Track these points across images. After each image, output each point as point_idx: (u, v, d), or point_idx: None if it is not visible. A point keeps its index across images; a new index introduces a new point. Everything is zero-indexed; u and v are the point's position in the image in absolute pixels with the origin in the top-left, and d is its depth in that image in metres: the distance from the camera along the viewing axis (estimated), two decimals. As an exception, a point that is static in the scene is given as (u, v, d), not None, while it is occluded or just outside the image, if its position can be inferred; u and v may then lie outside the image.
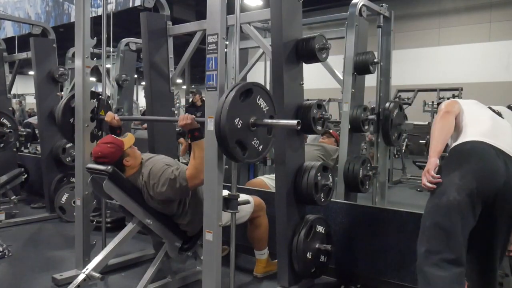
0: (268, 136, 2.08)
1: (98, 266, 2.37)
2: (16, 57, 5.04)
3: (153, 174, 2.39)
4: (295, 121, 1.92)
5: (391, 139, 3.48)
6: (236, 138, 1.90)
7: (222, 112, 1.85)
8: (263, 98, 2.01)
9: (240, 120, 1.90)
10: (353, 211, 2.90)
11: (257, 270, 2.89)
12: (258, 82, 2.09)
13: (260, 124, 1.97)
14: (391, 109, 3.42)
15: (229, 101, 1.85)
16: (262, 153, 2.06)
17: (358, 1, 3.37)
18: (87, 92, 2.79)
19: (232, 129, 1.87)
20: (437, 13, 11.76)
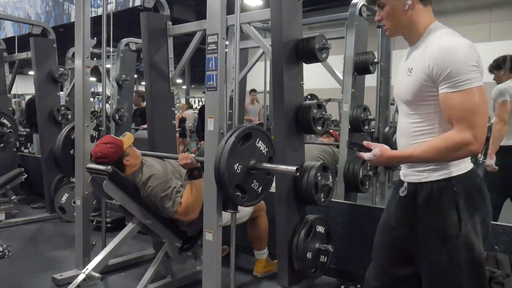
0: (267, 177, 2.11)
1: (98, 266, 2.37)
2: (16, 57, 5.04)
3: (153, 178, 2.39)
4: (294, 167, 1.92)
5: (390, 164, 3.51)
6: (236, 183, 1.93)
7: (222, 158, 1.87)
8: (262, 141, 2.04)
9: (240, 165, 1.93)
10: (353, 211, 2.90)
11: (257, 270, 2.89)
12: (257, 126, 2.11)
13: (259, 168, 2.00)
14: (390, 134, 3.44)
15: (229, 147, 1.88)
16: (261, 195, 2.08)
17: (358, 1, 3.37)
18: (87, 92, 2.79)
19: (231, 175, 1.90)
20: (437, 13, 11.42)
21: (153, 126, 3.49)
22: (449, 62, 1.26)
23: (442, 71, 1.27)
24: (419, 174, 1.41)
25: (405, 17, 1.39)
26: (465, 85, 1.26)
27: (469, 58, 1.27)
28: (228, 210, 2.10)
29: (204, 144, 2.15)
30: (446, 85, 1.28)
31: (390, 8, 1.39)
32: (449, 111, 1.30)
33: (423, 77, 1.32)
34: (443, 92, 1.29)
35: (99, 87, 9.08)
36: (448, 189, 1.36)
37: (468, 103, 1.27)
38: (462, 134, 1.27)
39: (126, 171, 2.46)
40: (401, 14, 1.38)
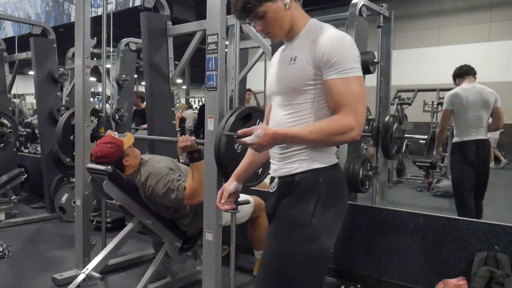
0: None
1: (98, 266, 2.37)
2: (16, 57, 5.04)
3: (151, 176, 2.39)
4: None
5: (390, 153, 3.50)
6: (236, 163, 1.91)
7: (222, 138, 1.86)
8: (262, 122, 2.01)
9: (240, 145, 1.91)
10: (353, 211, 2.90)
11: (257, 270, 2.88)
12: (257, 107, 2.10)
13: None
14: (391, 123, 3.44)
15: (229, 127, 1.87)
16: (262, 177, 2.07)
17: (358, 1, 3.37)
18: (87, 92, 2.79)
19: (232, 155, 1.88)
20: (437, 13, 11.76)
21: (153, 126, 3.49)
22: (339, 49, 1.30)
23: (331, 58, 1.30)
24: (290, 166, 1.40)
25: (288, 17, 1.39)
26: (351, 73, 1.30)
27: (355, 49, 1.34)
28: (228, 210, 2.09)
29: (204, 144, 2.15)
30: (333, 71, 1.30)
31: (273, 13, 1.37)
32: (334, 97, 1.32)
33: (309, 63, 1.33)
34: (330, 78, 1.31)
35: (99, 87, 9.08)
36: (314, 179, 1.37)
37: (354, 90, 1.30)
38: (346, 119, 1.29)
39: (126, 171, 2.46)
40: (284, 15, 1.38)
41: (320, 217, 1.35)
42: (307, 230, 1.34)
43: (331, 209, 1.37)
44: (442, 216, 2.59)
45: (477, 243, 2.41)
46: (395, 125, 3.47)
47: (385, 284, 2.70)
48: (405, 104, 7.75)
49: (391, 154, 3.51)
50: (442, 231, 2.53)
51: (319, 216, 1.35)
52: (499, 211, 5.28)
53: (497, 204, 5.83)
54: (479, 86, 3.53)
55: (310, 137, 1.31)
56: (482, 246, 2.39)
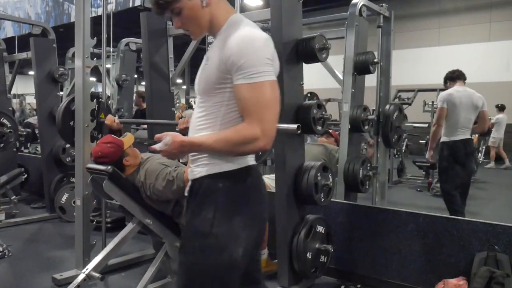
0: None
1: (98, 266, 2.37)
2: (16, 57, 5.04)
3: (149, 174, 2.39)
4: (295, 125, 1.92)
5: (391, 141, 3.48)
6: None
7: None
8: None
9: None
10: (353, 211, 2.90)
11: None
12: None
13: None
14: (391, 111, 3.42)
15: None
16: (262, 157, 2.06)
17: (358, 1, 3.37)
18: (87, 92, 2.79)
19: None
20: (437, 13, 11.76)
21: (153, 126, 3.49)
22: (246, 51, 1.21)
23: (237, 61, 1.21)
24: (195, 170, 1.35)
25: (206, 15, 1.32)
26: (257, 78, 1.21)
27: (264, 51, 1.24)
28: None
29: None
30: (240, 76, 1.22)
31: (189, 11, 1.30)
32: (241, 103, 1.24)
33: (219, 65, 1.26)
34: (237, 83, 1.23)
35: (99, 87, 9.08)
36: (212, 185, 1.30)
37: (261, 96, 1.21)
38: (251, 128, 1.21)
39: (126, 171, 2.45)
40: (201, 13, 1.31)
41: (222, 226, 1.26)
42: (209, 240, 1.26)
43: (235, 217, 1.28)
44: (442, 216, 2.59)
45: (477, 243, 2.41)
46: (396, 113, 3.46)
47: (385, 284, 2.70)
48: (405, 104, 7.74)
49: (391, 142, 3.49)
50: (442, 231, 2.53)
51: (221, 225, 1.26)
52: (499, 211, 5.29)
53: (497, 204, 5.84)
54: (469, 90, 3.78)
55: (216, 146, 1.25)
56: (482, 246, 2.39)
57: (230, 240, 1.27)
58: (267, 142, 1.23)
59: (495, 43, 11.00)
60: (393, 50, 3.80)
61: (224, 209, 1.28)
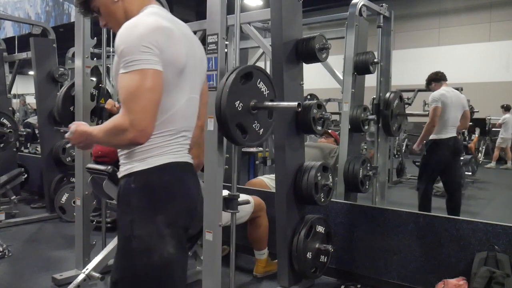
0: (268, 120, 2.06)
1: (98, 266, 2.38)
2: (16, 57, 5.04)
3: None
4: (295, 103, 1.91)
5: (391, 129, 3.46)
6: (237, 121, 1.89)
7: (223, 95, 1.84)
8: (263, 82, 1.99)
9: (241, 103, 1.88)
10: (353, 211, 2.90)
11: (257, 270, 2.89)
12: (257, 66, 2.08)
13: (260, 107, 1.95)
14: (392, 99, 3.41)
15: (230, 84, 1.84)
16: (263, 137, 2.05)
17: (358, 1, 3.37)
18: (87, 92, 2.79)
19: (232, 112, 1.85)
20: (437, 13, 11.76)
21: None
22: (125, 39, 1.17)
23: (117, 48, 1.17)
24: (120, 169, 1.31)
25: (120, 9, 1.31)
26: (132, 67, 1.14)
27: (143, 39, 1.15)
28: (228, 210, 2.09)
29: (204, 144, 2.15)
30: (122, 65, 1.17)
31: (104, 7, 1.31)
32: (119, 93, 1.19)
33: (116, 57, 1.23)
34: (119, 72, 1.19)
35: (99, 87, 9.05)
36: (127, 186, 1.25)
37: (130, 86, 1.14)
38: (121, 119, 1.14)
39: (126, 171, 2.45)
40: (114, 8, 1.31)
41: (143, 227, 1.22)
42: (134, 243, 1.22)
43: (155, 217, 1.23)
44: (442, 216, 2.60)
45: (477, 243, 2.41)
46: (396, 101, 3.45)
47: (385, 284, 2.70)
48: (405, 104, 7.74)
49: (392, 130, 3.48)
50: (442, 231, 2.53)
51: (141, 227, 1.22)
52: (499, 211, 5.28)
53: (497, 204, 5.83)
54: (456, 90, 4.06)
55: (97, 136, 1.21)
56: (482, 246, 2.39)
57: (155, 240, 1.22)
58: (137, 134, 1.14)
59: (495, 43, 11.01)
60: (393, 50, 3.80)
61: (141, 209, 1.23)
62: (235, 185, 2.16)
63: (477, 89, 10.15)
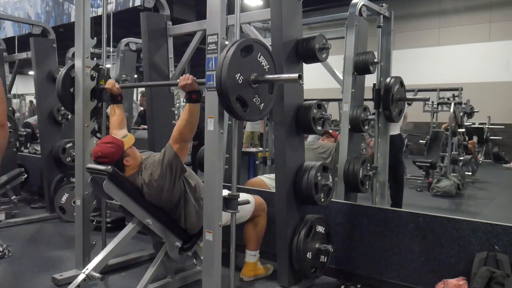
0: (269, 95, 2.06)
1: (98, 266, 2.37)
2: (16, 57, 5.04)
3: (147, 167, 2.42)
4: (295, 74, 1.91)
5: (392, 114, 3.45)
6: (237, 94, 1.88)
7: (223, 67, 1.83)
8: (264, 56, 1.99)
9: (241, 75, 1.88)
10: (353, 211, 2.90)
11: (245, 273, 2.81)
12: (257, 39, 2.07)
13: (261, 80, 1.95)
14: (392, 84, 3.39)
15: (230, 56, 1.84)
16: (263, 112, 2.04)
17: (358, 1, 3.37)
18: (87, 92, 2.79)
19: (233, 84, 1.85)
20: (437, 13, 11.76)
21: (153, 126, 3.49)
22: None
23: None
24: None
25: None
26: None
27: None
28: (228, 210, 2.09)
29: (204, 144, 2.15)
30: None
31: None
32: None
33: None
34: None
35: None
36: None
37: None
38: None
39: (126, 172, 2.45)
40: None
41: None
42: None
43: None
44: (442, 216, 2.59)
45: (477, 243, 2.41)
46: (397, 86, 3.43)
47: (385, 284, 2.70)
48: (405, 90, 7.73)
49: (392, 116, 3.46)
50: (442, 231, 2.53)
51: None
52: (499, 211, 5.29)
53: (497, 204, 5.83)
54: None
55: None
56: (482, 246, 2.39)
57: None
58: None
59: (495, 43, 11.00)
60: (393, 50, 3.80)
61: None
62: (235, 185, 2.16)
63: (477, 89, 10.15)
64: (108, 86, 2.73)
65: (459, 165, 6.49)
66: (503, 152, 10.03)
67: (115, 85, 2.73)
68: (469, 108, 8.12)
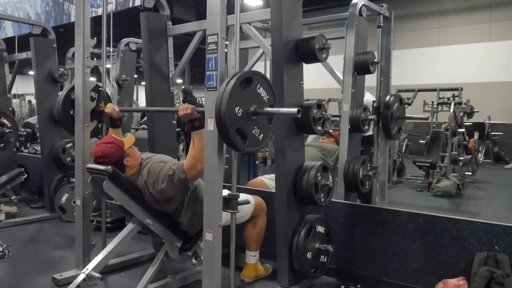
0: (268, 125, 2.07)
1: (98, 266, 2.37)
2: (16, 57, 5.04)
3: (151, 173, 2.39)
4: (295, 109, 1.92)
5: (391, 132, 3.46)
6: (237, 127, 1.89)
7: (223, 100, 1.84)
8: (263, 87, 2.00)
9: (240, 108, 1.89)
10: (353, 211, 2.90)
11: (245, 274, 2.80)
12: (257, 71, 2.08)
13: (260, 112, 1.96)
14: (392, 102, 3.40)
15: (229, 90, 1.85)
16: (263, 142, 2.05)
17: (358, 1, 3.37)
18: (87, 92, 2.79)
19: (232, 117, 1.86)
20: (437, 13, 11.76)
21: (153, 126, 3.49)
22: None
23: None
24: None
25: None
26: None
27: None
28: (228, 210, 2.09)
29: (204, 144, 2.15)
30: None
31: None
32: None
33: None
34: None
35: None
36: None
37: None
38: None
39: (126, 172, 2.45)
40: None
41: None
42: None
43: None
44: (442, 216, 2.59)
45: (477, 243, 2.41)
46: (396, 104, 3.45)
47: (385, 284, 2.70)
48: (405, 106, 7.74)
49: (392, 133, 3.47)
50: (442, 231, 2.53)
51: None
52: (499, 211, 5.29)
53: (497, 204, 5.83)
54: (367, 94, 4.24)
55: None
56: (482, 246, 2.39)
57: None
58: None
59: (495, 43, 11.00)
60: (393, 50, 3.80)
61: None
62: (235, 185, 2.16)
63: (477, 89, 10.15)
64: (108, 111, 2.72)
65: (459, 165, 6.49)
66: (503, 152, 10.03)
67: (115, 109, 2.72)
68: (469, 108, 8.12)
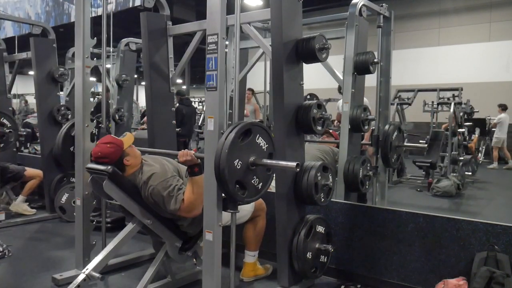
0: (267, 173, 2.11)
1: (98, 266, 2.37)
2: (16, 57, 5.04)
3: (155, 177, 2.38)
4: (294, 163, 1.94)
5: (390, 161, 3.50)
6: (236, 179, 1.93)
7: (222, 155, 1.88)
8: (262, 137, 2.04)
9: (240, 160, 1.93)
10: (353, 211, 2.90)
11: (245, 274, 2.81)
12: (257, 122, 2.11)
13: (259, 164, 2.01)
14: (391, 131, 3.44)
15: (229, 143, 1.88)
16: (262, 191, 2.09)
17: (358, 1, 3.37)
18: (87, 92, 2.79)
19: (231, 171, 1.90)
20: (437, 13, 11.76)
21: (153, 126, 3.49)
22: None
23: None
24: None
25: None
26: None
27: None
28: (228, 210, 2.09)
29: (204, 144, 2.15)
30: None
31: None
32: None
33: None
34: None
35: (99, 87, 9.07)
36: None
37: None
38: None
39: (126, 171, 2.45)
40: None
41: None
42: None
43: None
44: (442, 216, 2.59)
45: (477, 243, 2.41)
46: (395, 133, 3.48)
47: (385, 284, 2.70)
48: (405, 104, 7.75)
49: (390, 162, 3.53)
50: (442, 231, 2.53)
51: None
52: (499, 211, 5.29)
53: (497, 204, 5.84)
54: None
55: None
56: (482, 246, 2.39)
57: None
58: None
59: (495, 43, 11.01)
60: (393, 50, 3.80)
61: None
62: (235, 185, 2.16)
63: (477, 89, 10.15)
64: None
65: (459, 165, 6.50)
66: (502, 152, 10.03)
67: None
68: (469, 108, 8.12)
